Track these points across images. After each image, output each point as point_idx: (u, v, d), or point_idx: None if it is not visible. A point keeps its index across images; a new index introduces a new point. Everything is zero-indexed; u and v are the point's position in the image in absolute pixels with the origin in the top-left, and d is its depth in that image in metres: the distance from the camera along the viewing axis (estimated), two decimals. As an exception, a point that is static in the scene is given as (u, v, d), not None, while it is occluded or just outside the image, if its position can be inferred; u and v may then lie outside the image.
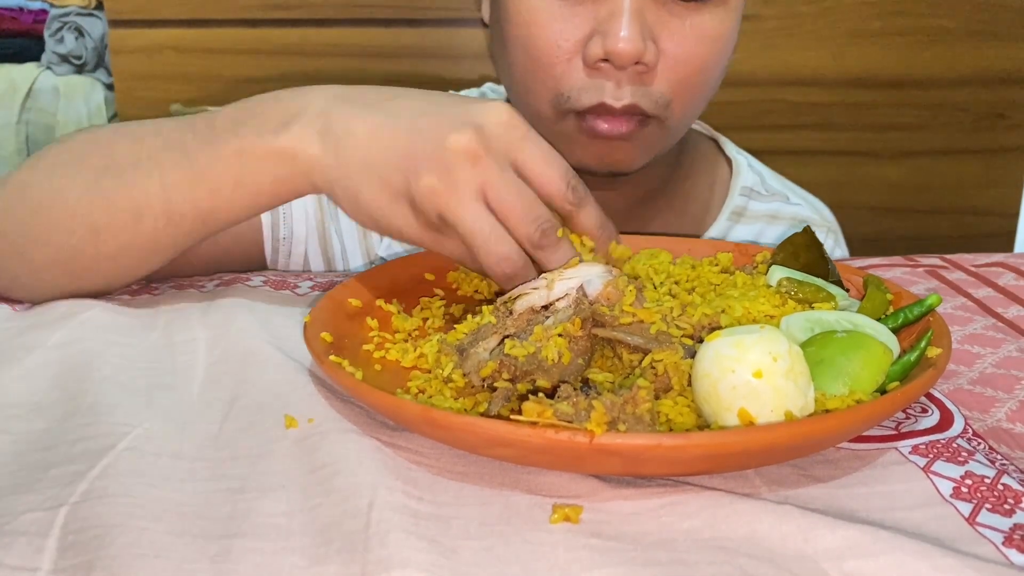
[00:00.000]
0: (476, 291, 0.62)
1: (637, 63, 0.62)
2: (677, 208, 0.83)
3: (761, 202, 0.84)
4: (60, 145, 0.61)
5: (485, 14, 0.76)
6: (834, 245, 0.87)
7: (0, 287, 0.62)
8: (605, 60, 0.63)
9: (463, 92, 0.93)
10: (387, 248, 0.80)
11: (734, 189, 0.84)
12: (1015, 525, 0.38)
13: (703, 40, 0.65)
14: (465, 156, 0.50)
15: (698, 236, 0.81)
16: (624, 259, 0.57)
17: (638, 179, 0.73)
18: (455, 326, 0.55)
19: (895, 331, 0.50)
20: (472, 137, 0.50)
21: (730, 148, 0.87)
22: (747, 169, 0.86)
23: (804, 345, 0.46)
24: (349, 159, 0.53)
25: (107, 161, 0.57)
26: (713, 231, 0.83)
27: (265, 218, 0.75)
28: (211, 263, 0.71)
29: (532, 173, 0.52)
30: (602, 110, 0.64)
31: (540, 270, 0.52)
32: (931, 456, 0.43)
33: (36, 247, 0.58)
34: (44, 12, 2.34)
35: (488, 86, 0.94)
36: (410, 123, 0.52)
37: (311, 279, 0.68)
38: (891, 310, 0.54)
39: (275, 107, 0.56)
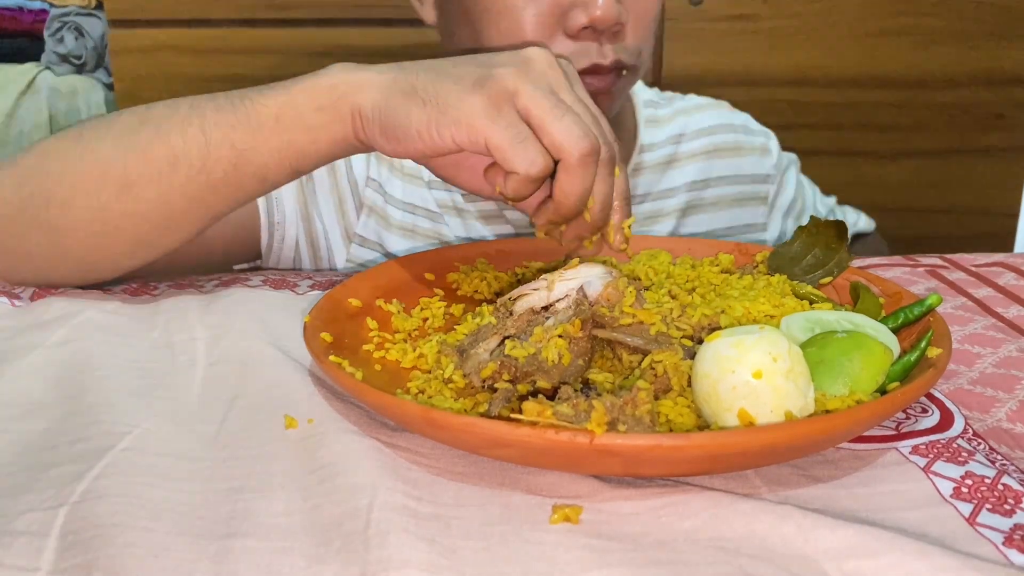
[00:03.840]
0: (476, 291, 0.62)
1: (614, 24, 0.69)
2: (622, 143, 0.89)
3: (665, 107, 0.94)
4: (84, 120, 0.61)
5: (427, 14, 0.81)
6: (732, 112, 0.98)
7: (13, 271, 0.62)
8: (586, 27, 0.69)
9: None
10: (363, 226, 0.83)
11: (638, 105, 0.92)
12: (1015, 525, 0.38)
13: None
14: (540, 60, 0.52)
15: (631, 154, 0.89)
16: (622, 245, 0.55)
17: None
18: (455, 326, 0.55)
19: (895, 331, 0.50)
20: (546, 52, 0.53)
21: None
22: (642, 86, 0.95)
23: (804, 345, 0.46)
24: (408, 68, 0.53)
25: (142, 118, 0.58)
26: (639, 141, 0.90)
27: (260, 204, 0.77)
28: (205, 248, 0.71)
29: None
30: (594, 70, 0.71)
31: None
32: (931, 456, 0.43)
33: (60, 210, 0.58)
34: (44, 12, 2.34)
35: None
36: (482, 58, 0.54)
37: (311, 279, 0.68)
38: (883, 314, 0.54)
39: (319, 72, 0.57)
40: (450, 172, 0.57)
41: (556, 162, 0.50)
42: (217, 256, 0.76)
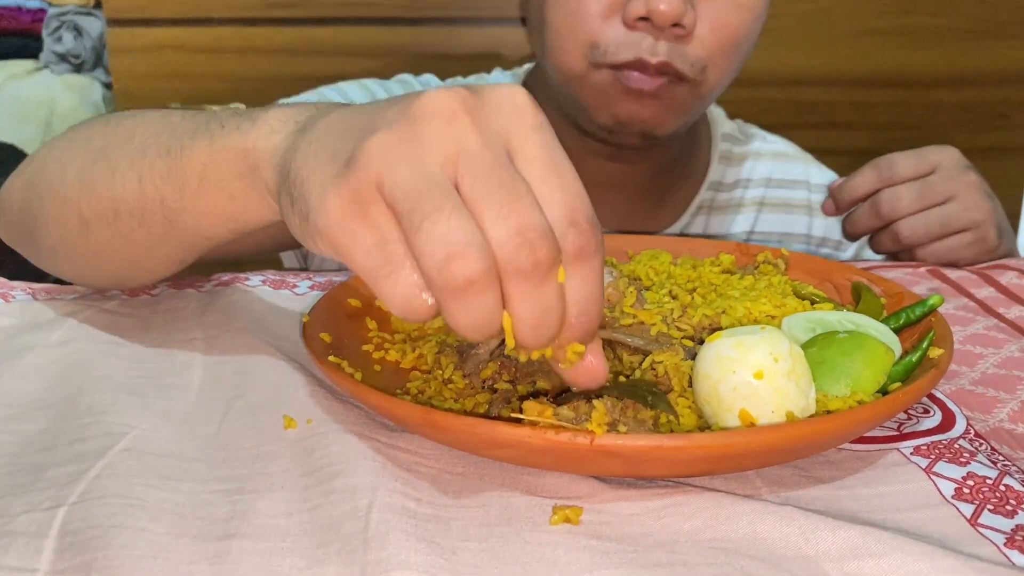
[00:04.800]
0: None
1: (675, 25, 0.66)
2: (689, 175, 0.88)
3: (741, 145, 0.92)
4: (82, 124, 0.57)
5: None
6: (808, 166, 0.96)
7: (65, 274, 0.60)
8: (645, 18, 0.66)
9: (472, 77, 0.94)
10: None
11: (716, 137, 0.90)
12: (1017, 526, 0.37)
13: (739, 9, 0.69)
14: (441, 113, 0.33)
15: (698, 189, 0.88)
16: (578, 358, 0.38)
17: (662, 150, 0.77)
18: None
19: (897, 331, 0.50)
20: (458, 96, 0.34)
21: None
22: (723, 118, 0.92)
23: (806, 346, 0.46)
24: (311, 131, 0.39)
25: (105, 143, 0.52)
26: (709, 177, 0.88)
27: None
28: (253, 238, 0.69)
29: (533, 176, 0.34)
30: (637, 65, 0.68)
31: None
32: (933, 457, 0.43)
33: (41, 234, 0.56)
34: (42, 11, 2.34)
35: (497, 71, 0.94)
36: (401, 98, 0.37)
37: (310, 279, 0.68)
38: (885, 314, 0.54)
39: (266, 109, 0.45)
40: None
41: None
42: (267, 244, 0.74)
